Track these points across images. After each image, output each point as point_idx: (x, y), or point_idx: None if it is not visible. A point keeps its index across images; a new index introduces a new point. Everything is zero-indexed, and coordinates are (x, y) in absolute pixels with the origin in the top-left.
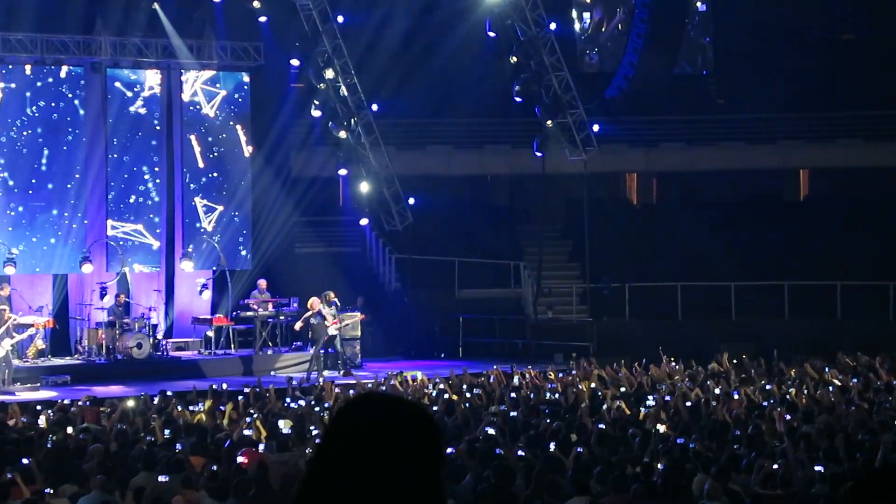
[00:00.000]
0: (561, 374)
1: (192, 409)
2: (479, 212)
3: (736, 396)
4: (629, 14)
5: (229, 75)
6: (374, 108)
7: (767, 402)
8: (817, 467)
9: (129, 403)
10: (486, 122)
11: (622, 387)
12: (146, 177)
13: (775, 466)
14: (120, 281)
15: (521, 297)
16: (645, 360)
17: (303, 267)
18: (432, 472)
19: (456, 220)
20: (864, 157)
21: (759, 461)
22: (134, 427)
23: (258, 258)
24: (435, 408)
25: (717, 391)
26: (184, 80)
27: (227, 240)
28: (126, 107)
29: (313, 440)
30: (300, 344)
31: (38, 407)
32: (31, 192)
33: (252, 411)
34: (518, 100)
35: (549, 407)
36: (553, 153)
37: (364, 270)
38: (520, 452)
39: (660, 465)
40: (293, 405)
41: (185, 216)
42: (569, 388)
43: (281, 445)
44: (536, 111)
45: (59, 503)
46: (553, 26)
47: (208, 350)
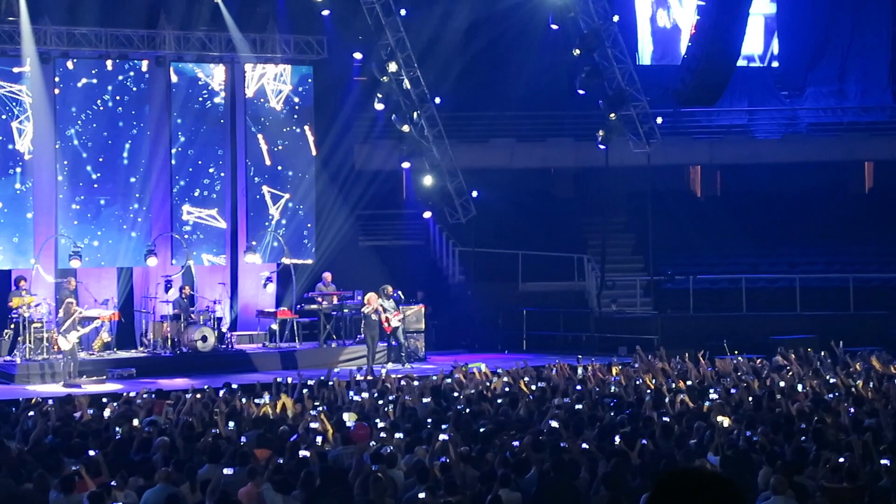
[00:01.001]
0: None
1: (257, 402)
2: (543, 205)
3: (801, 389)
4: (693, 5)
5: (293, 69)
6: (437, 101)
7: (832, 395)
8: (883, 460)
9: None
10: (549, 114)
11: (686, 380)
12: (211, 170)
13: (841, 460)
14: (185, 274)
15: (585, 290)
16: (709, 353)
17: (366, 260)
18: None
19: (519, 213)
20: None
21: (824, 454)
22: (199, 419)
23: (322, 251)
24: (499, 400)
25: (781, 384)
26: (247, 73)
27: (291, 233)
28: (190, 101)
29: (377, 433)
30: (363, 337)
31: (104, 400)
32: (95, 185)
33: (317, 404)
34: (581, 92)
35: (613, 400)
36: (616, 145)
37: (427, 264)
38: (584, 445)
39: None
40: (356, 398)
41: (250, 210)
42: (632, 381)
43: (345, 438)
44: (599, 103)
45: (125, 495)
46: (616, 18)
47: (273, 343)
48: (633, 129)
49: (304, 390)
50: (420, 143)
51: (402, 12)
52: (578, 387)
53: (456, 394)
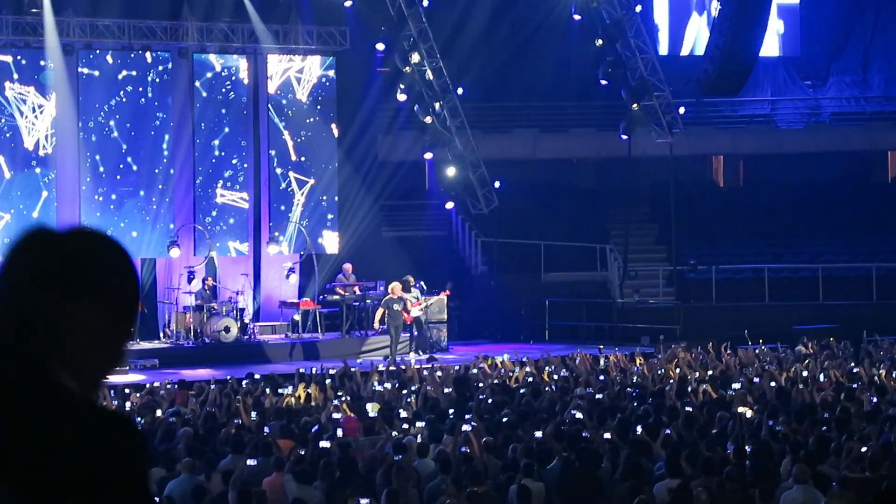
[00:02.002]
0: (647, 357)
1: (280, 392)
2: (565, 195)
3: (823, 379)
4: None
5: (315, 60)
6: (460, 91)
7: (855, 385)
8: None
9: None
10: (572, 105)
11: (709, 370)
12: (234, 161)
13: (864, 449)
14: (208, 265)
15: (608, 280)
16: (731, 343)
17: (389, 251)
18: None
19: (541, 203)
20: None
21: (847, 444)
22: (222, 410)
23: (345, 242)
24: (521, 390)
25: (804, 374)
26: (270, 65)
27: (314, 223)
28: (213, 92)
29: (400, 423)
30: (385, 328)
31: (127, 390)
32: (118, 177)
33: (340, 394)
34: (604, 82)
35: (636, 390)
36: (639, 136)
37: (450, 254)
38: (606, 435)
39: (747, 448)
40: (379, 388)
41: (273, 201)
42: (655, 371)
43: (368, 429)
44: (622, 94)
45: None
46: (639, 9)
47: (296, 333)
48: (655, 120)
49: (327, 381)
50: (443, 133)
51: (425, 3)
52: (601, 377)
53: (479, 384)
